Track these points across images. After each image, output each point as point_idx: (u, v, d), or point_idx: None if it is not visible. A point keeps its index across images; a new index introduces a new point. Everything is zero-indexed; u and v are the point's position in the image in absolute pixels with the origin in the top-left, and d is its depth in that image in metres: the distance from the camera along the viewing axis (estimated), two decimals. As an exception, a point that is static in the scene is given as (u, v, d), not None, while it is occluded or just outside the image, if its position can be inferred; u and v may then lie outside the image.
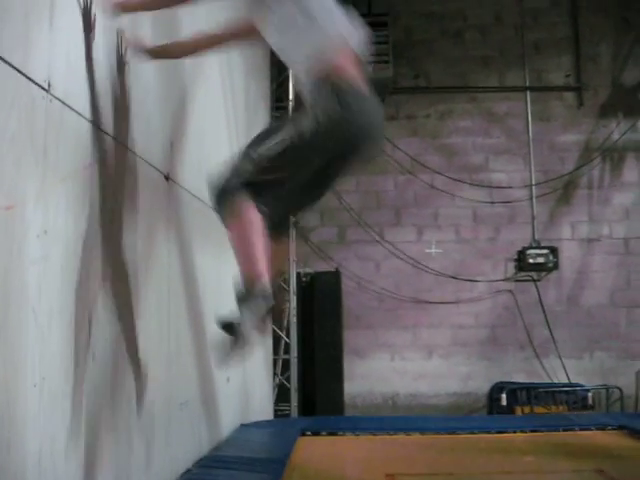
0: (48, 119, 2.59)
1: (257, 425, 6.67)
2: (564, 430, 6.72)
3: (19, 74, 2.39)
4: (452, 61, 9.99)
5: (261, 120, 8.01)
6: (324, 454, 5.81)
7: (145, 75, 3.84)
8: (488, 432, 6.70)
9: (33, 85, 2.49)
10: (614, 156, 9.81)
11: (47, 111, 2.58)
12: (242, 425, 6.38)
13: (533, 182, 9.70)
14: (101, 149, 3.12)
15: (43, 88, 2.55)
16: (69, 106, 2.77)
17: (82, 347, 2.90)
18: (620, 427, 6.66)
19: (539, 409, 8.91)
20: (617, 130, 9.78)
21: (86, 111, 2.94)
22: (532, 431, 6.69)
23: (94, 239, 3.04)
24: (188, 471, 4.49)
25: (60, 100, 2.68)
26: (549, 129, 9.89)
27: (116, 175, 3.33)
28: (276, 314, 2.95)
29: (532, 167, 9.71)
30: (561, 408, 8.93)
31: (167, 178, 4.17)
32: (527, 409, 8.97)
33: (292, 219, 3.59)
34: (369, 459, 5.59)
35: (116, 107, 3.37)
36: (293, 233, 8.68)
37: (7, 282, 2.30)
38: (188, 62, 4.76)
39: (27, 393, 2.43)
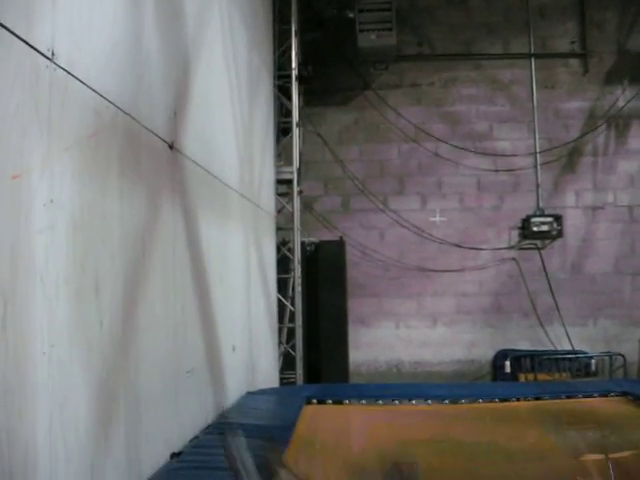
0: (52, 88, 2.58)
1: (263, 393, 6.72)
2: (567, 397, 6.75)
3: (23, 43, 2.38)
4: (456, 28, 9.91)
5: (264, 89, 7.98)
6: (329, 421, 5.85)
7: (148, 44, 3.82)
8: (492, 399, 6.73)
9: (37, 54, 2.48)
10: (619, 123, 9.76)
11: (51, 80, 2.58)
12: (248, 393, 6.43)
13: (537, 150, 9.67)
14: (105, 118, 3.12)
15: (47, 57, 2.54)
16: (73, 75, 2.76)
17: (90, 315, 2.92)
18: (623, 393, 6.68)
19: (543, 376, 8.97)
20: (622, 97, 9.73)
21: (90, 80, 2.93)
22: (535, 398, 6.72)
23: (100, 208, 3.05)
24: (196, 438, 4.54)
25: (64, 69, 2.67)
26: (554, 96, 9.84)
27: (121, 144, 3.33)
28: None
29: (536, 135, 9.68)
30: (564, 375, 9.00)
31: (171, 147, 4.17)
32: (531, 376, 9.03)
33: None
34: (374, 426, 5.64)
35: (120, 76, 3.36)
36: (297, 202, 8.70)
37: (15, 251, 2.32)
38: (190, 30, 4.74)
39: (36, 360, 2.46)
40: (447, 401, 6.61)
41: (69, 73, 2.73)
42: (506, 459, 4.58)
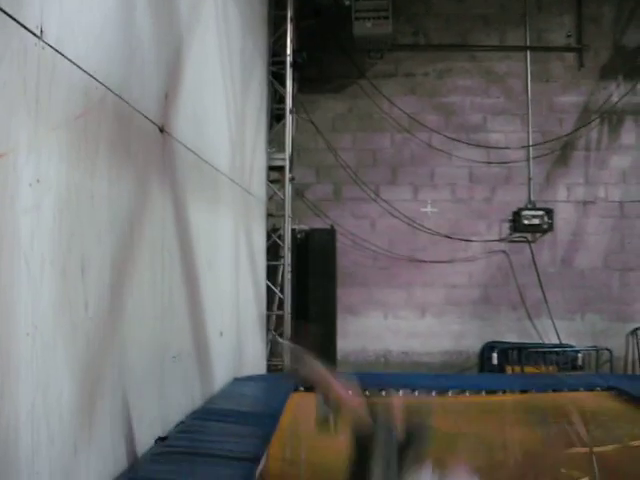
0: (40, 66, 2.55)
1: (250, 379, 6.72)
2: (553, 391, 6.78)
3: (11, 19, 2.35)
4: (452, 19, 9.86)
5: (258, 74, 7.93)
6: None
7: (140, 24, 3.79)
8: (479, 391, 6.76)
9: (25, 31, 2.45)
10: (613, 118, 9.75)
11: (39, 58, 2.55)
12: (235, 379, 6.43)
13: (530, 143, 9.66)
14: (94, 99, 3.09)
15: (35, 35, 2.51)
16: (61, 53, 2.73)
17: (75, 297, 2.90)
18: (609, 388, 6.73)
19: (529, 369, 9.00)
20: (617, 92, 9.72)
21: (79, 59, 2.90)
22: (522, 391, 6.75)
23: (87, 189, 3.02)
24: (182, 423, 4.54)
25: (52, 47, 2.64)
26: (548, 90, 9.82)
27: (109, 126, 3.30)
28: None
29: (530, 128, 9.67)
30: (551, 368, 9.02)
31: (162, 130, 4.14)
32: (518, 369, 9.06)
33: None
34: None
35: (110, 56, 3.32)
36: (289, 189, 8.67)
37: (-1, 230, 2.30)
38: (184, 12, 4.70)
39: (20, 342, 2.44)
40: (434, 392, 6.63)
41: (58, 52, 2.70)
42: (491, 451, 4.59)
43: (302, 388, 5.07)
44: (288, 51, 8.58)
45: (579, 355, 9.22)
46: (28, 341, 2.49)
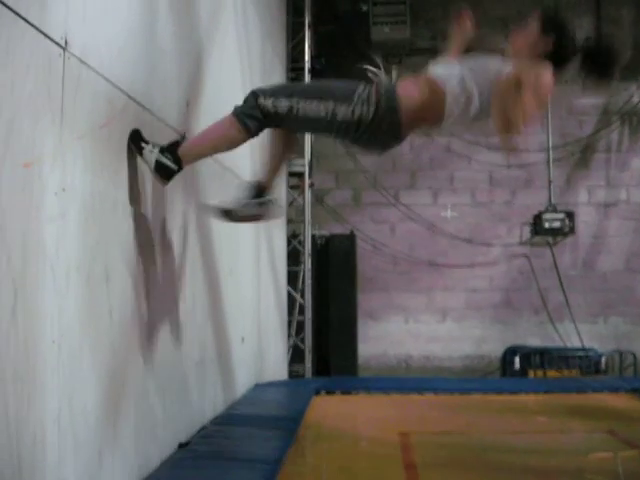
0: (65, 77, 2.59)
1: (272, 385, 6.74)
2: (577, 392, 6.75)
3: (36, 31, 2.39)
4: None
5: (277, 80, 7.96)
6: (338, 412, 5.88)
7: (161, 33, 3.82)
8: (501, 393, 6.75)
9: (50, 42, 2.49)
10: (633, 120, 9.69)
11: (64, 69, 2.58)
12: (257, 385, 6.45)
13: (550, 145, 9.62)
14: (118, 108, 3.12)
15: (60, 45, 2.55)
16: (86, 64, 2.76)
17: (100, 304, 2.93)
18: (633, 390, 6.69)
19: (552, 373, 8.95)
20: (637, 93, 9.66)
21: (103, 69, 2.94)
22: (545, 392, 6.73)
23: (111, 198, 3.06)
24: (204, 428, 4.56)
25: (77, 57, 2.68)
26: (568, 92, 9.76)
27: (133, 134, 3.33)
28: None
29: (549, 130, 9.62)
30: (574, 372, 8.97)
31: (184, 138, 4.16)
32: (540, 373, 9.02)
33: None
34: (383, 418, 5.66)
35: (133, 66, 3.36)
36: (308, 195, 8.69)
37: (25, 240, 2.33)
38: (204, 21, 4.74)
39: (46, 350, 2.47)
40: (456, 393, 6.64)
41: (82, 62, 2.73)
42: (513, 453, 4.58)
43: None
44: (306, 57, 8.61)
45: (602, 359, 9.16)
46: (54, 349, 2.52)
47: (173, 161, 3.25)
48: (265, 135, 3.44)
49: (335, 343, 9.10)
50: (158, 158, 3.23)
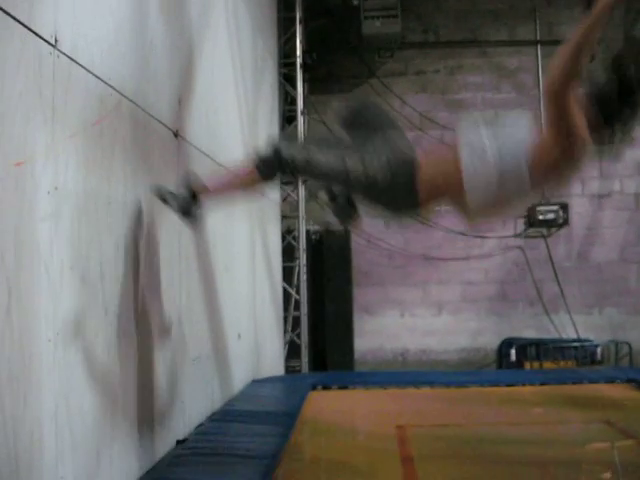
0: (56, 75, 2.58)
1: (269, 380, 6.75)
2: (573, 383, 6.77)
3: (25, 29, 2.38)
4: (461, 15, 9.84)
5: (269, 77, 7.95)
6: (335, 407, 5.88)
7: (152, 30, 3.82)
8: (497, 385, 6.76)
9: (40, 40, 2.48)
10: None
11: (54, 67, 2.57)
12: (254, 381, 6.45)
13: (543, 138, 9.61)
14: (109, 105, 3.12)
15: (50, 43, 2.54)
16: (76, 62, 2.76)
17: (95, 302, 2.93)
18: (628, 380, 6.70)
19: (548, 364, 8.97)
20: (629, 84, 9.66)
21: (94, 66, 2.93)
22: (541, 384, 6.75)
23: (104, 195, 3.05)
24: (201, 425, 4.56)
25: (67, 55, 2.67)
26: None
27: (125, 132, 3.33)
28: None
29: (542, 123, 9.61)
30: (570, 363, 8.99)
31: (176, 135, 4.16)
32: (536, 364, 9.03)
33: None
34: (379, 412, 5.66)
35: (124, 63, 3.35)
36: (302, 190, 8.68)
37: (19, 239, 2.32)
38: (195, 17, 4.73)
39: (41, 348, 2.47)
40: (453, 386, 6.66)
41: (73, 60, 2.72)
42: (510, 444, 4.59)
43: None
44: (298, 52, 8.60)
45: (598, 349, 9.18)
46: (50, 347, 2.52)
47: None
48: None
49: (331, 338, 9.11)
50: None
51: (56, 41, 2.57)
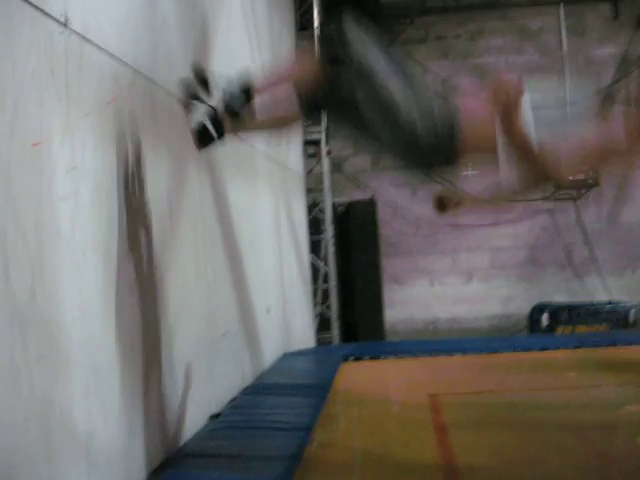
0: (68, 54, 2.56)
1: (300, 353, 6.77)
2: (606, 346, 6.69)
3: (35, 9, 2.36)
4: (481, -22, 9.68)
5: (286, 49, 7.89)
6: (367, 378, 5.89)
7: (164, 5, 3.78)
8: (530, 350, 6.72)
9: (50, 20, 2.46)
10: (653, 68, 9.50)
11: (66, 46, 2.56)
12: (285, 354, 6.48)
13: (568, 99, 9.46)
14: (124, 83, 3.10)
15: (60, 23, 2.52)
16: (88, 40, 2.74)
17: (119, 280, 2.94)
18: (664, 341, 6.63)
19: (581, 328, 8.89)
20: (656, 41, 9.46)
21: (106, 44, 2.91)
22: (575, 348, 6.69)
23: (123, 174, 3.05)
24: (234, 399, 4.59)
25: (79, 34, 2.65)
26: (584, 43, 9.60)
27: (141, 109, 3.32)
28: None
29: (567, 84, 9.47)
30: (603, 326, 8.90)
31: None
32: (568, 329, 8.95)
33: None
34: (412, 381, 5.65)
35: (136, 39, 3.33)
36: (326, 162, 8.64)
37: (39, 219, 2.32)
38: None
39: (68, 327, 2.48)
40: (485, 353, 6.63)
41: (84, 38, 2.71)
42: (544, 410, 4.55)
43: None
44: (315, 24, 8.51)
45: (631, 311, 9.07)
46: (76, 326, 2.53)
47: (217, 131, 3.07)
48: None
49: (361, 309, 9.11)
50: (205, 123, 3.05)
51: (67, 20, 2.55)
